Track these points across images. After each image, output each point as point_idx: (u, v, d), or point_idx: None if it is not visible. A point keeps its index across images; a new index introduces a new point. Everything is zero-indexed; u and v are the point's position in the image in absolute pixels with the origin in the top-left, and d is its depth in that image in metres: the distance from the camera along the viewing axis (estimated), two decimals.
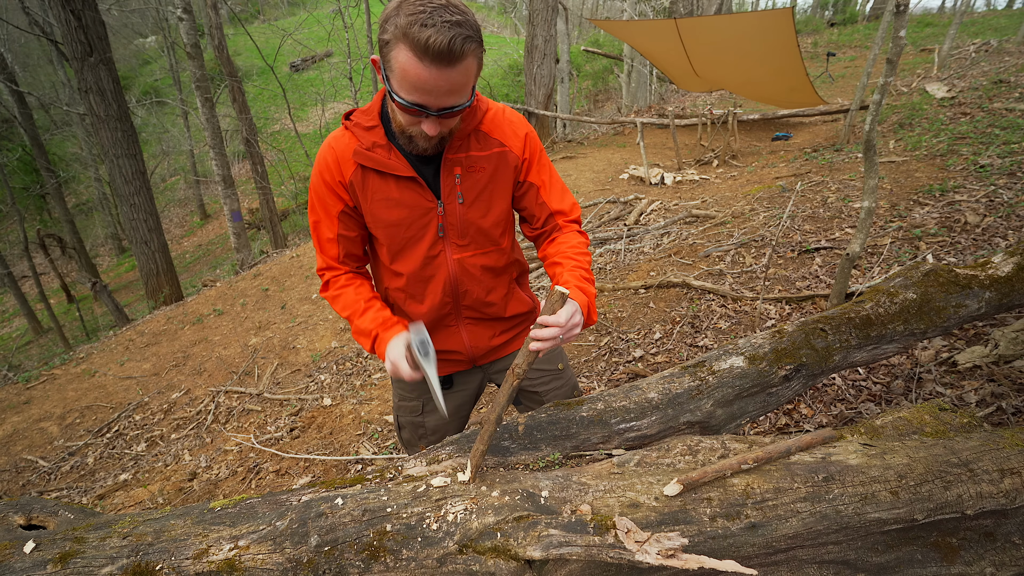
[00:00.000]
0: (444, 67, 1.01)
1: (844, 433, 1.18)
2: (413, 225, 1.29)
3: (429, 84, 1.03)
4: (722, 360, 1.39)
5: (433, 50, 0.98)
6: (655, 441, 1.29)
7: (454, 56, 1.00)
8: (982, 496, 1.00)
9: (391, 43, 1.02)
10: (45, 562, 1.02)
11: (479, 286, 1.40)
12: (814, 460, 1.05)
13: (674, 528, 0.94)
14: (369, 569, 0.95)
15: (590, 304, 1.22)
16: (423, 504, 1.01)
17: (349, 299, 1.37)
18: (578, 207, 1.41)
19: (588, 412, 1.31)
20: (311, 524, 0.99)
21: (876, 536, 1.03)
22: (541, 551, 0.90)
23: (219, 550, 1.00)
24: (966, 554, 1.06)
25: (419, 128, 1.14)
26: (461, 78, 1.05)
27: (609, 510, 0.97)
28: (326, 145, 1.29)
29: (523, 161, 1.33)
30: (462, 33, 0.99)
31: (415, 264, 1.34)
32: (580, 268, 1.27)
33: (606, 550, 0.89)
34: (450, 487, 1.04)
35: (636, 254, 4.43)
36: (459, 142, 1.25)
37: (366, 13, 10.67)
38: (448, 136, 1.21)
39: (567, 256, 1.30)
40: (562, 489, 1.03)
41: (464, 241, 1.33)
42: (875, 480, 1.00)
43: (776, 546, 0.98)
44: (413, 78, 1.03)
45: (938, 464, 1.03)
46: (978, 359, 2.13)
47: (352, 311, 1.36)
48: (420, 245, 1.32)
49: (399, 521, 0.98)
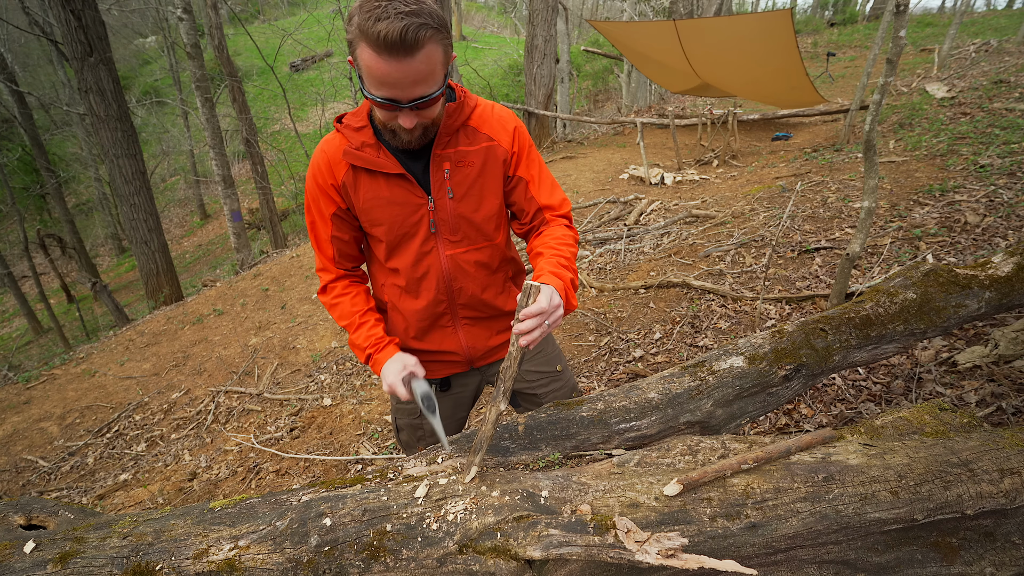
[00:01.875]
0: (402, 58, 1.01)
1: (844, 433, 1.18)
2: (405, 222, 1.30)
3: (392, 77, 1.04)
4: (722, 360, 1.39)
5: (388, 42, 0.99)
6: (655, 441, 1.29)
7: (409, 46, 1.00)
8: (982, 496, 1.00)
9: (354, 42, 1.04)
10: (45, 562, 1.02)
11: (474, 283, 1.39)
12: (814, 460, 1.05)
13: (674, 528, 0.94)
14: (369, 569, 0.95)
15: (566, 287, 1.19)
16: (423, 504, 1.01)
17: (345, 310, 1.40)
18: (568, 203, 1.42)
19: (588, 412, 1.31)
20: (311, 524, 0.99)
21: (876, 536, 1.03)
22: (541, 551, 0.90)
23: (219, 550, 1.00)
24: (966, 554, 1.06)
25: (396, 122, 1.15)
26: (423, 67, 1.04)
27: (609, 510, 0.97)
28: (319, 148, 1.31)
29: (512, 155, 1.33)
30: (415, 22, 0.99)
31: (408, 261, 1.35)
32: (559, 256, 1.25)
33: (606, 550, 0.89)
34: (450, 487, 1.04)
35: (636, 254, 4.43)
36: (447, 138, 1.25)
37: None
38: (432, 128, 1.21)
39: (548, 246, 1.29)
40: (562, 489, 1.03)
41: (456, 237, 1.33)
42: (875, 480, 1.00)
43: (776, 546, 0.98)
44: (377, 73, 1.04)
45: (938, 464, 1.03)
46: (978, 359, 2.13)
47: (348, 322, 1.39)
48: (413, 242, 1.32)
49: (399, 521, 0.98)
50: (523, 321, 1.04)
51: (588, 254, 4.67)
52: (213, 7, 8.98)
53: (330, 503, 1.02)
